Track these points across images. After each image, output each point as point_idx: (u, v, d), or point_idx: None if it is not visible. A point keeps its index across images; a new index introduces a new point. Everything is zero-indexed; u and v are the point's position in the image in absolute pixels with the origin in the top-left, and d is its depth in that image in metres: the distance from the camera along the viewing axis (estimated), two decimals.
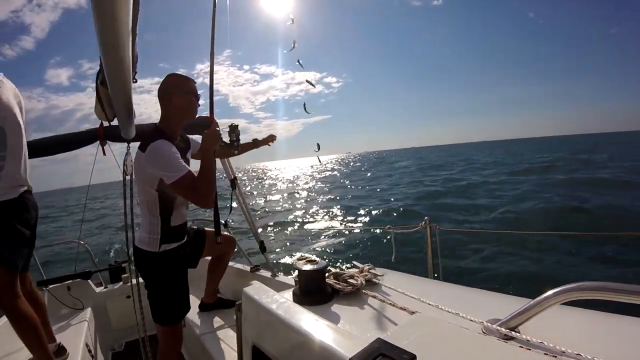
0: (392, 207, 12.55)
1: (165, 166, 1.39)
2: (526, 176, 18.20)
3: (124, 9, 0.71)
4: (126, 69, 1.01)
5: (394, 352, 0.59)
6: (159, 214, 1.54)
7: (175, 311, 1.64)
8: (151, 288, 1.62)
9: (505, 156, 42.83)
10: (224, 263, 2.25)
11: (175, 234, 1.62)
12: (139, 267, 1.63)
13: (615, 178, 14.13)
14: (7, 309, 1.44)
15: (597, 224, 7.79)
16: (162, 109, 1.58)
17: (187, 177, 1.40)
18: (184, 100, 1.55)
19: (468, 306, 0.89)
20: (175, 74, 1.62)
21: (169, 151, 1.42)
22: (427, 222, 2.39)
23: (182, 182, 1.38)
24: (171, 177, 1.38)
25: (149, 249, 1.55)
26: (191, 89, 1.58)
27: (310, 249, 7.87)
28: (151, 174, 1.45)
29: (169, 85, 1.56)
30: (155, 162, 1.41)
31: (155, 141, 1.43)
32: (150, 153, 1.41)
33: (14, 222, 1.44)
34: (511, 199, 11.93)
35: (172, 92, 1.54)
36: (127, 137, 1.91)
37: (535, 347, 0.66)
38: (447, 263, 5.66)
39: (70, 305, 2.41)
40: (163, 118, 1.57)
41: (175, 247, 1.62)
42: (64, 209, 31.71)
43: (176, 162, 1.41)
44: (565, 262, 5.55)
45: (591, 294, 0.63)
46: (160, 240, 1.55)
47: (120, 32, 0.77)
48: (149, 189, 1.49)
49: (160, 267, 1.58)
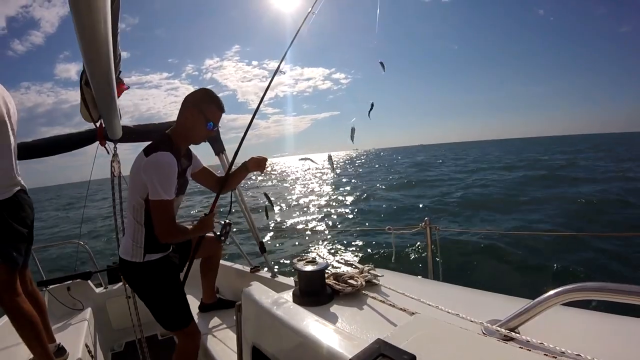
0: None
1: (157, 181, 1.36)
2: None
3: (102, 7, 0.71)
4: (108, 69, 1.00)
5: (394, 353, 0.59)
6: (143, 222, 1.48)
7: (178, 317, 1.59)
8: (144, 298, 1.58)
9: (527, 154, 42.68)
10: (214, 263, 2.21)
11: (160, 245, 1.53)
12: (126, 278, 1.59)
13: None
14: (8, 307, 1.44)
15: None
16: (178, 117, 1.53)
17: (167, 204, 1.39)
18: (195, 118, 1.48)
19: (468, 307, 0.89)
20: (207, 90, 1.54)
21: (168, 169, 1.39)
22: (427, 223, 2.39)
23: (160, 205, 1.37)
24: (155, 194, 1.36)
25: (133, 259, 1.49)
26: (208, 111, 1.50)
27: (310, 250, 7.87)
28: (144, 180, 1.41)
29: (192, 96, 1.50)
30: (152, 172, 1.37)
31: (162, 151, 1.39)
32: (151, 161, 1.38)
33: (11, 221, 1.45)
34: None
35: (190, 104, 1.49)
36: (113, 138, 1.90)
37: (535, 348, 0.66)
38: (447, 263, 5.66)
39: (70, 305, 2.41)
40: (175, 127, 1.52)
41: (159, 257, 1.55)
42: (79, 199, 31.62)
43: (168, 184, 1.38)
44: (565, 262, 5.54)
45: (591, 294, 0.63)
46: (144, 250, 1.49)
47: (99, 30, 0.76)
48: (139, 192, 1.44)
49: (146, 278, 1.53)
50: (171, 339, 2.53)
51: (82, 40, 0.80)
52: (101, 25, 0.75)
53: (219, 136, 2.24)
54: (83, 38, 0.79)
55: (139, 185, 1.43)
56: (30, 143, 1.97)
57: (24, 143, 1.92)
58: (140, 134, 2.06)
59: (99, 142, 2.04)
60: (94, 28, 0.75)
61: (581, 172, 18.39)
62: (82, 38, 0.79)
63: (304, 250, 7.84)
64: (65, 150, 2.08)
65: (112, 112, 1.44)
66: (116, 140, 1.96)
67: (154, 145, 1.44)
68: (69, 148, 2.07)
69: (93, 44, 0.82)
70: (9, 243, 1.44)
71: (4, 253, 1.41)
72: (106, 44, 0.85)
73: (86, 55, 0.89)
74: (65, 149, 2.07)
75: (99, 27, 0.75)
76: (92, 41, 0.80)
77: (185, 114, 1.49)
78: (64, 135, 2.14)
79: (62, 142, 2.07)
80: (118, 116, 1.58)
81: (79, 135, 2.07)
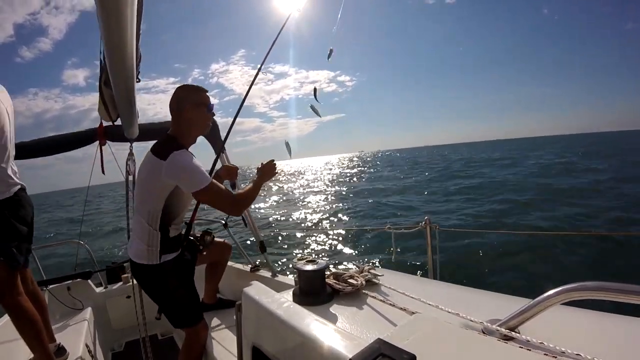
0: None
1: (192, 175, 1.37)
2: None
3: (130, 9, 0.71)
4: (130, 69, 1.01)
5: (394, 352, 0.59)
6: (158, 227, 1.47)
7: (192, 313, 1.61)
8: (160, 300, 1.59)
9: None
10: (221, 268, 2.23)
11: (173, 244, 1.56)
12: (140, 282, 1.59)
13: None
14: (9, 306, 1.44)
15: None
16: (173, 124, 1.52)
17: (213, 185, 1.40)
18: (195, 112, 1.49)
19: (468, 306, 0.89)
20: (184, 85, 1.56)
21: (192, 161, 1.40)
22: (427, 222, 2.39)
23: (209, 191, 1.39)
24: (195, 185, 1.37)
25: (149, 262, 1.49)
26: (202, 99, 1.52)
27: (310, 249, 7.87)
28: (167, 183, 1.39)
29: (178, 98, 1.50)
30: (179, 171, 1.37)
31: (178, 150, 1.39)
32: (174, 162, 1.36)
33: (12, 220, 1.45)
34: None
35: (182, 105, 1.49)
36: (130, 137, 1.90)
37: (535, 348, 0.66)
38: (448, 263, 5.66)
39: (70, 305, 2.41)
40: (175, 131, 1.52)
41: (175, 256, 1.57)
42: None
43: (202, 171, 1.40)
44: (565, 262, 5.54)
45: (591, 294, 0.63)
46: (160, 252, 1.50)
47: (126, 32, 0.77)
48: (156, 199, 1.43)
49: (164, 278, 1.53)
50: (171, 338, 2.53)
51: (109, 40, 0.80)
52: (127, 24, 0.75)
53: (218, 133, 2.21)
54: (110, 38, 0.79)
55: (159, 190, 1.42)
56: (30, 143, 1.97)
57: (23, 143, 1.92)
58: (152, 132, 2.04)
59: (99, 142, 2.03)
60: (121, 27, 0.75)
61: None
62: (109, 38, 0.79)
63: (304, 250, 7.84)
64: (65, 150, 2.08)
65: (131, 111, 1.45)
66: (133, 139, 1.96)
67: (165, 147, 1.41)
68: (69, 148, 2.07)
69: (119, 44, 0.82)
70: (11, 242, 1.44)
71: (5, 252, 1.42)
72: (131, 43, 0.86)
73: (111, 55, 0.89)
74: (65, 148, 2.07)
75: (125, 27, 0.75)
76: (118, 41, 0.81)
77: (184, 116, 1.49)
78: (63, 135, 2.14)
79: (62, 142, 2.06)
80: (136, 115, 1.59)
81: (79, 134, 2.06)
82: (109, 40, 0.80)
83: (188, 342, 1.65)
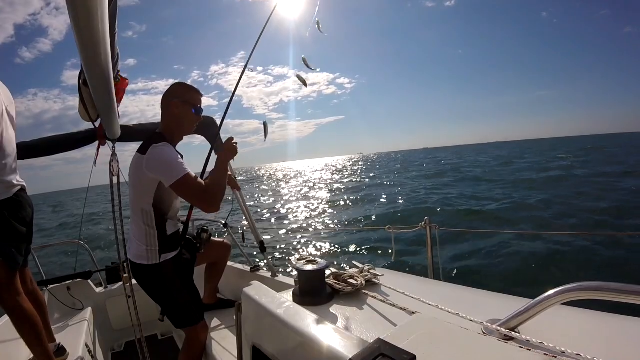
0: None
1: (167, 167, 1.37)
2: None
3: (99, 6, 0.72)
4: (106, 68, 1.01)
5: (394, 352, 0.59)
6: (154, 224, 1.48)
7: (193, 313, 1.62)
8: (161, 300, 1.59)
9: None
10: (221, 268, 2.23)
11: (172, 243, 1.56)
12: (141, 282, 1.59)
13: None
14: (8, 306, 1.44)
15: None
16: (162, 117, 1.56)
17: (190, 176, 1.37)
18: (181, 109, 1.52)
19: (468, 306, 0.89)
20: (180, 82, 1.59)
21: (170, 154, 1.40)
22: (427, 222, 2.38)
23: (185, 181, 1.35)
24: (173, 177, 1.35)
25: (149, 262, 1.49)
26: (192, 99, 1.54)
27: (310, 249, 7.87)
28: (150, 178, 1.41)
29: (170, 92, 1.54)
30: (156, 163, 1.38)
31: (158, 143, 1.41)
32: (151, 155, 1.39)
33: (12, 221, 1.45)
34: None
35: (172, 99, 1.52)
36: (111, 137, 1.90)
37: (535, 348, 0.66)
38: (448, 263, 5.66)
39: (70, 305, 2.41)
40: (163, 127, 1.55)
41: (174, 255, 1.57)
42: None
43: (178, 163, 1.38)
44: (566, 262, 5.54)
45: (591, 294, 0.63)
46: (159, 251, 1.50)
47: (97, 29, 0.77)
48: (145, 196, 1.44)
49: (164, 278, 1.54)
50: (171, 338, 2.53)
51: (80, 39, 0.81)
52: (98, 24, 0.76)
53: (218, 132, 2.19)
54: (80, 36, 0.80)
55: (145, 186, 1.43)
56: (30, 143, 1.96)
57: (23, 143, 1.92)
58: (139, 132, 2.05)
59: (99, 142, 2.03)
60: (91, 27, 0.76)
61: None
62: (79, 36, 0.80)
63: (304, 250, 7.84)
64: (65, 149, 2.07)
65: (110, 111, 1.44)
66: (115, 140, 1.96)
67: (148, 143, 1.44)
68: (69, 148, 2.06)
69: (90, 43, 0.83)
70: (10, 242, 1.44)
71: (5, 252, 1.41)
72: (104, 43, 0.86)
73: (84, 54, 0.89)
74: (64, 148, 2.06)
75: (96, 26, 0.76)
76: (89, 40, 0.81)
77: (171, 110, 1.51)
78: (63, 134, 2.13)
79: (62, 142, 2.06)
80: (116, 115, 1.58)
81: (79, 134, 2.06)
82: (80, 39, 0.81)
83: (188, 342, 1.66)
